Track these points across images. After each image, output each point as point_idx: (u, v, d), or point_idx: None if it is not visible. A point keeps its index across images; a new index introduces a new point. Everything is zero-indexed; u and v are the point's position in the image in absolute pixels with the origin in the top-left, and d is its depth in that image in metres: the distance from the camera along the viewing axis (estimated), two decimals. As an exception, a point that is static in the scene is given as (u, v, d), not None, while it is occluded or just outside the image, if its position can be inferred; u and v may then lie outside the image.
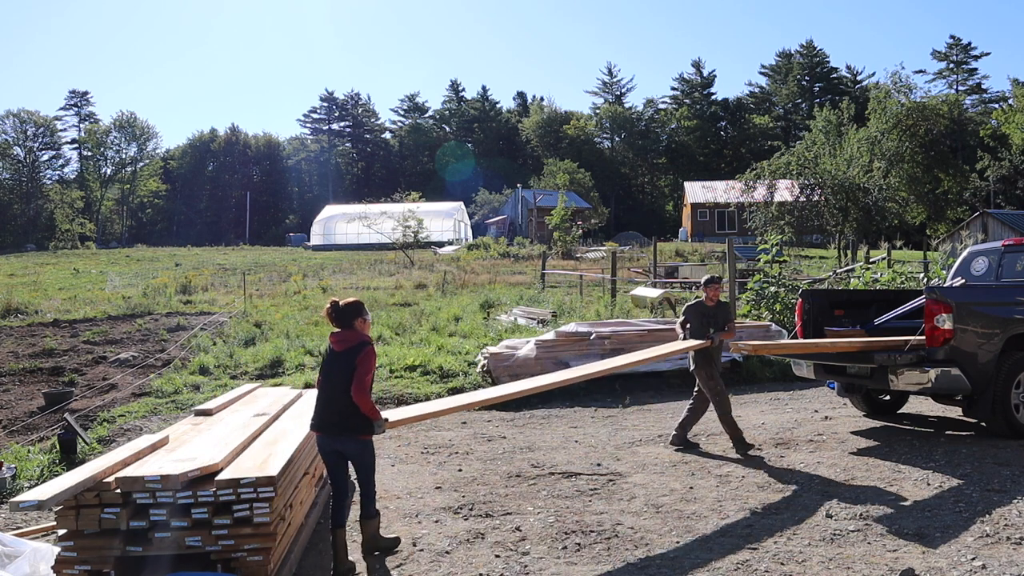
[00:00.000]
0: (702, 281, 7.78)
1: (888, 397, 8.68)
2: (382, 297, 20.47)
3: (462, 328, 14.80)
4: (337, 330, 4.83)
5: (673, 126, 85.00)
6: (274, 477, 4.17)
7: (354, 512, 5.20)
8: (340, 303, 4.82)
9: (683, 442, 7.52)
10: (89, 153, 75.79)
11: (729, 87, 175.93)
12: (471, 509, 5.78)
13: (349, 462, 4.83)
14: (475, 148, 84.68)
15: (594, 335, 11.33)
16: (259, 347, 13.47)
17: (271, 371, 11.96)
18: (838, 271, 21.25)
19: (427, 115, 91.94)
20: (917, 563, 4.49)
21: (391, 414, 5.29)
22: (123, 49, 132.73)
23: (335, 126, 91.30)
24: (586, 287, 22.46)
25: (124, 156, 74.94)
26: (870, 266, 17.75)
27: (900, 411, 8.80)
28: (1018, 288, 7.77)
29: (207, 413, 6.07)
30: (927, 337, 6.92)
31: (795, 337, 8.42)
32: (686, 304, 7.72)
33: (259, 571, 4.10)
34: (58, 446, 7.65)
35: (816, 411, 9.12)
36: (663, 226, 64.30)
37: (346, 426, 4.65)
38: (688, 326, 7.51)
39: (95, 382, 11.51)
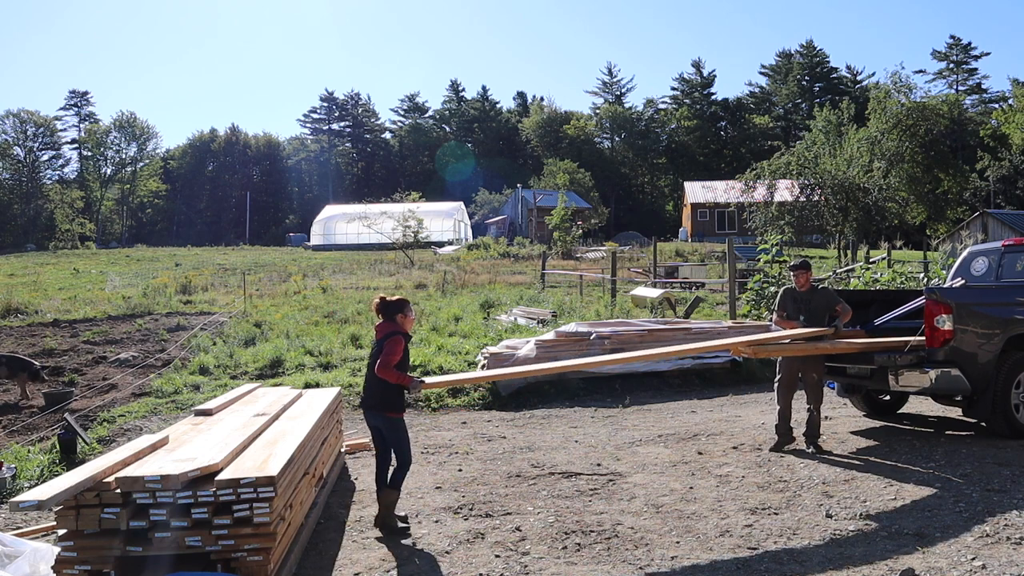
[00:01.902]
0: (788, 266, 7.67)
1: (888, 397, 8.68)
2: (382, 297, 20.44)
3: (462, 328, 14.80)
4: (380, 322, 5.50)
5: (673, 126, 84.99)
6: (274, 477, 4.17)
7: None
8: (387, 299, 5.53)
9: (818, 445, 7.18)
10: (89, 153, 75.82)
11: (729, 87, 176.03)
12: (471, 509, 5.78)
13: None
14: (475, 148, 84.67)
15: (594, 335, 11.33)
16: (259, 347, 13.47)
17: (271, 371, 11.96)
18: (838, 271, 21.26)
19: (427, 115, 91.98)
20: (917, 563, 4.49)
21: (426, 379, 5.82)
22: (123, 49, 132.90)
23: (335, 126, 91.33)
24: (586, 287, 22.46)
25: (124, 156, 75.03)
26: (870, 266, 17.76)
27: (900, 411, 8.80)
28: (1018, 288, 7.76)
29: (207, 413, 6.06)
30: (927, 338, 6.91)
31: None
32: (782, 289, 7.63)
33: (259, 571, 4.10)
34: (58, 446, 7.66)
35: (816, 411, 9.11)
36: (663, 226, 64.29)
37: (377, 404, 5.37)
38: (785, 314, 7.32)
39: (95, 382, 11.51)
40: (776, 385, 7.36)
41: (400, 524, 5.38)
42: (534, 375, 9.96)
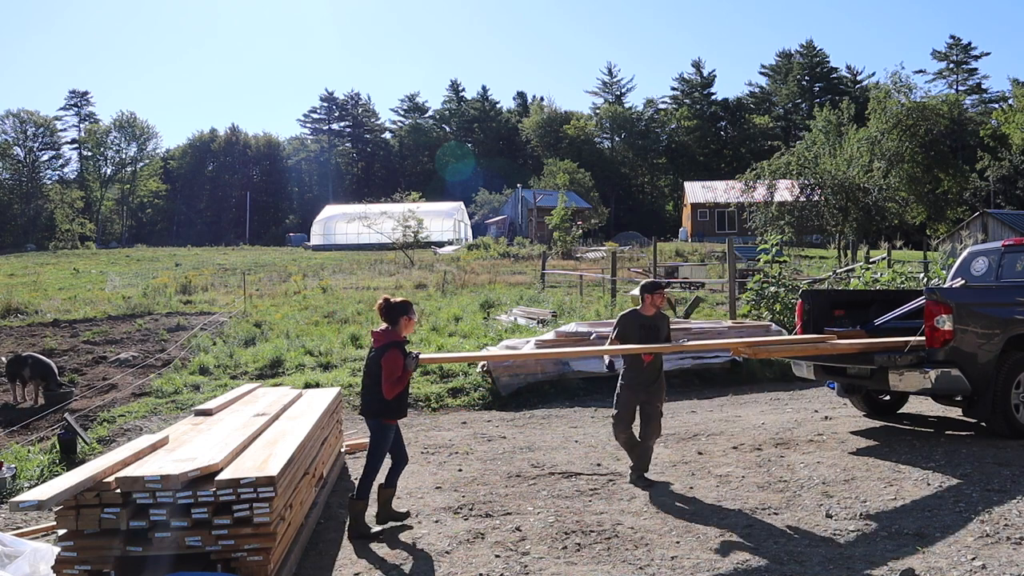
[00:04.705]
0: (644, 285, 6.46)
1: (888, 397, 8.68)
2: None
3: (462, 328, 14.79)
4: (379, 328, 5.47)
5: (673, 126, 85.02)
6: (274, 477, 4.17)
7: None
8: (392, 300, 5.49)
9: (642, 480, 6.34)
10: (89, 153, 75.84)
11: (729, 87, 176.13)
12: (471, 509, 5.77)
13: (399, 440, 5.60)
14: (475, 148, 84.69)
15: (594, 335, 11.33)
16: (259, 347, 13.47)
17: (271, 371, 11.95)
18: (838, 271, 21.25)
19: (427, 115, 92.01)
20: (917, 563, 4.49)
21: (424, 355, 5.84)
22: (123, 49, 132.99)
23: (335, 126, 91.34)
24: (586, 287, 22.45)
25: (124, 156, 75.07)
26: (870, 266, 17.75)
27: (900, 411, 8.80)
28: (1018, 288, 7.76)
29: (207, 413, 6.06)
30: (927, 338, 6.91)
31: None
32: (621, 313, 6.57)
33: (259, 571, 4.10)
34: (58, 446, 7.66)
35: (816, 411, 9.12)
36: (663, 226, 64.29)
37: (371, 410, 5.44)
38: (620, 339, 6.35)
39: (95, 382, 11.51)
40: (613, 421, 6.47)
41: (374, 531, 5.36)
42: (531, 358, 10.08)
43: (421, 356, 5.58)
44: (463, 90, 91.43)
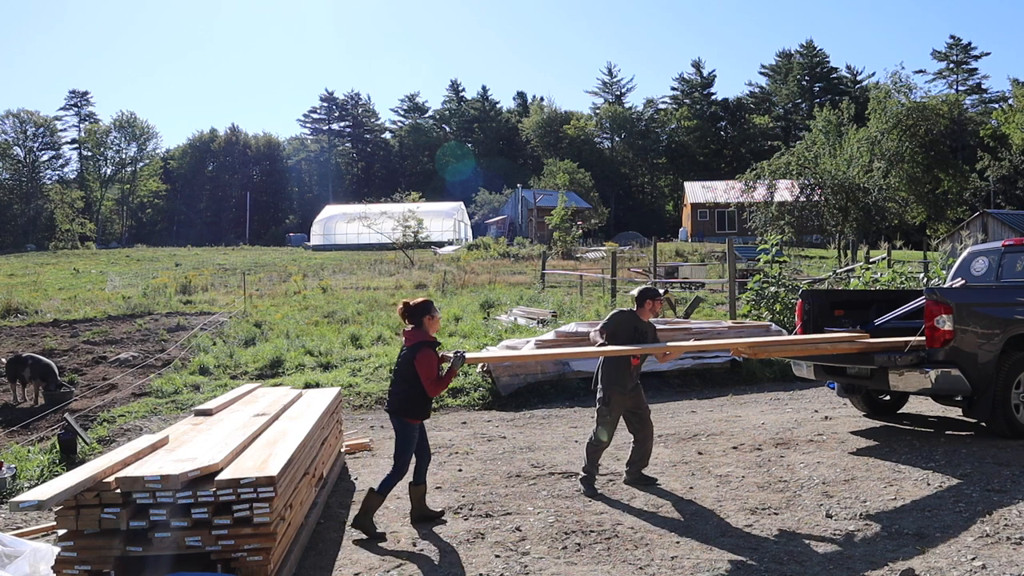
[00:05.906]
0: (638, 292, 6.42)
1: (888, 397, 8.68)
2: (382, 297, 20.46)
3: (462, 328, 14.79)
4: (408, 327, 5.50)
5: (673, 126, 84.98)
6: (274, 477, 4.17)
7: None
8: (411, 303, 5.52)
9: (643, 479, 6.38)
10: (89, 153, 75.83)
11: (729, 87, 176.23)
12: (471, 509, 5.78)
13: (423, 437, 5.62)
14: (475, 148, 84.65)
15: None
16: (259, 347, 13.47)
17: (271, 371, 11.96)
18: (838, 271, 21.25)
19: (427, 115, 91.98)
20: (917, 563, 4.49)
21: (470, 354, 5.82)
22: (123, 49, 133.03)
23: (335, 126, 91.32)
24: (586, 287, 22.46)
25: (124, 156, 75.08)
26: (870, 266, 17.75)
27: (900, 411, 8.80)
28: (1018, 288, 7.76)
29: (207, 413, 6.06)
30: (927, 338, 6.90)
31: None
32: (616, 311, 6.54)
33: (259, 571, 4.10)
34: (58, 446, 7.66)
35: (816, 411, 9.12)
36: (663, 226, 64.30)
37: (396, 408, 5.48)
38: (608, 337, 6.22)
39: (95, 382, 11.51)
40: (597, 446, 6.25)
41: (377, 532, 5.31)
42: (537, 359, 10.34)
43: (468, 356, 5.55)
44: (463, 90, 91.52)
